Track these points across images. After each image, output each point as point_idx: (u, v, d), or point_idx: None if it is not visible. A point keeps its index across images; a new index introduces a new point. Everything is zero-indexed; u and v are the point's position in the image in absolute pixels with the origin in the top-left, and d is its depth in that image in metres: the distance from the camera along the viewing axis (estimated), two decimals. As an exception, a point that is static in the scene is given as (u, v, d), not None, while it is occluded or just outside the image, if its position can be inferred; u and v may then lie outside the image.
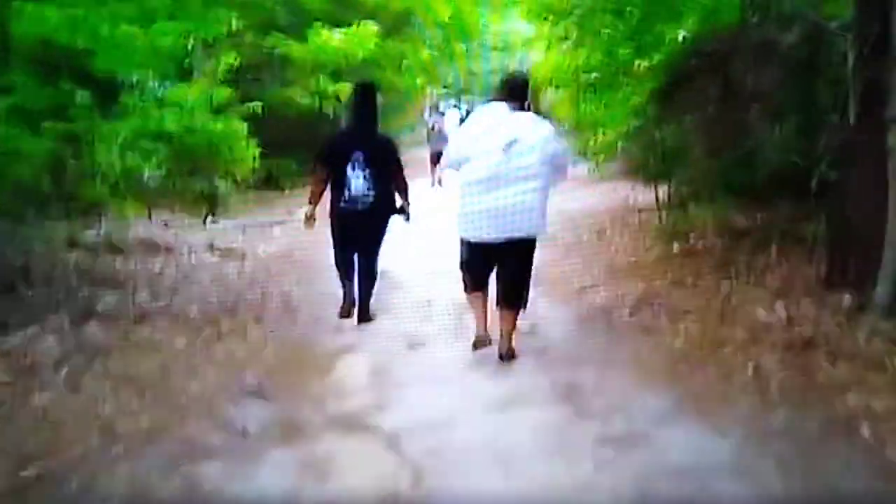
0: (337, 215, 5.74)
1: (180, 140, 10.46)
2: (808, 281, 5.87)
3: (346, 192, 5.60)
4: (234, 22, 11.63)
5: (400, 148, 6.19)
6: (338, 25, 13.85)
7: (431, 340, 5.72)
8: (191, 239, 9.00)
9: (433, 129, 17.83)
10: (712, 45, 6.88)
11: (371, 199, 5.62)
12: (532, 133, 4.74)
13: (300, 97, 14.09)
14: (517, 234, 4.76)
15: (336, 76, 14.82)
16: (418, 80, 20.40)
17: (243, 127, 11.18)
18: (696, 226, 8.32)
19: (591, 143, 9.57)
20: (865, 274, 5.00)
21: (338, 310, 6.05)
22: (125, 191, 9.27)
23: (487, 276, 5.08)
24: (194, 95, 10.69)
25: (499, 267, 5.02)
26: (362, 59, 15.28)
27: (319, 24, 13.59)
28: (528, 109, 5.01)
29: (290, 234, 10.64)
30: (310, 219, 5.89)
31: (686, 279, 6.92)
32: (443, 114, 24.08)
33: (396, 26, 19.04)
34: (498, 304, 5.08)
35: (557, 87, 15.77)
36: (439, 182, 7.12)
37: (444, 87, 24.22)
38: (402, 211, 5.86)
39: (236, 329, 5.96)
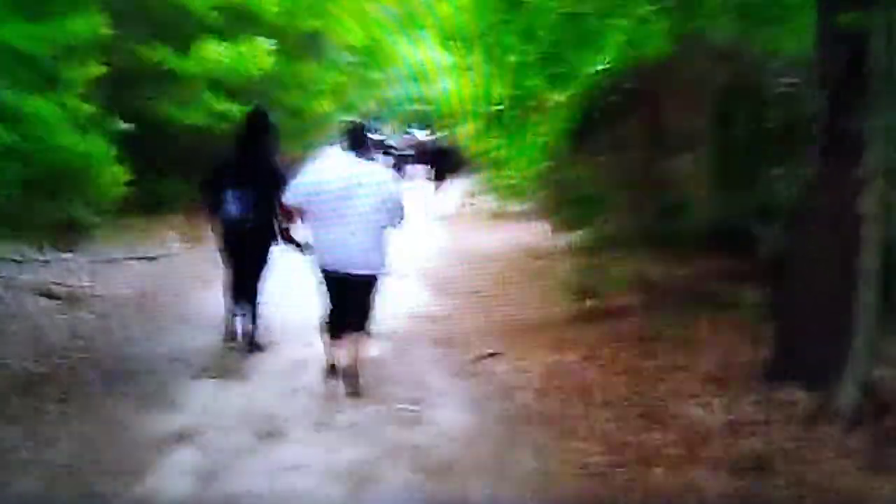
0: (221, 238, 5.93)
1: (31, 159, 9.00)
2: (750, 366, 4.87)
3: (225, 216, 5.76)
4: (100, 27, 10.35)
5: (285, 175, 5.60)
6: (231, 40, 12.61)
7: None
8: (24, 279, 7.56)
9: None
10: (633, 81, 5.97)
11: (250, 222, 5.72)
12: (367, 177, 5.06)
13: (186, 116, 12.71)
14: (355, 270, 5.08)
15: (232, 95, 13.52)
16: (326, 105, 19.13)
17: (108, 147, 9.79)
18: (612, 279, 7.40)
19: (496, 181, 8.57)
20: (823, 365, 4.05)
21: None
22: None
23: (339, 303, 5.25)
24: (51, 109, 9.25)
25: (344, 297, 5.22)
26: (261, 78, 14.02)
27: (209, 37, 12.30)
28: (369, 154, 5.33)
29: (156, 273, 9.28)
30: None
31: (601, 351, 5.94)
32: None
33: (303, 47, 17.84)
34: (345, 331, 5.26)
35: (467, 119, 15.06)
36: None
37: (357, 113, 23.01)
38: (296, 243, 5.77)
39: (23, 412, 4.64)
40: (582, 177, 6.61)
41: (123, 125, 10.68)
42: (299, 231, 5.63)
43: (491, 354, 6.19)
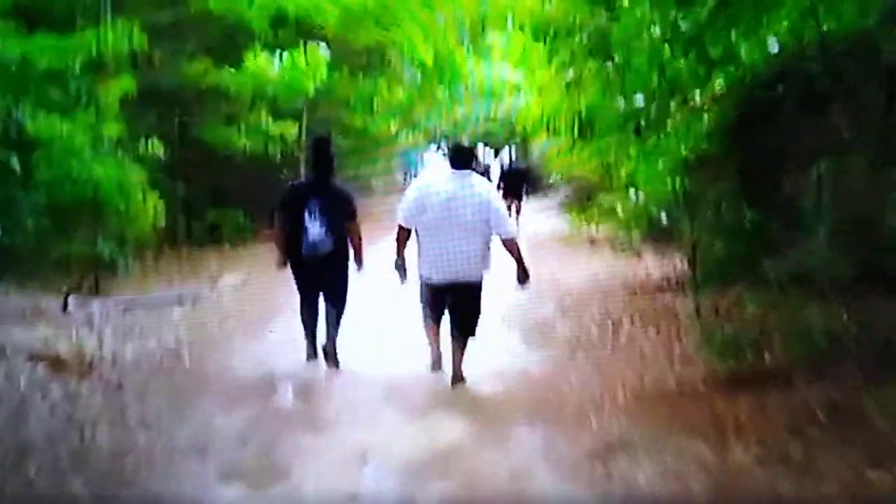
0: (298, 264, 5.96)
1: (52, 189, 7.74)
2: None
3: (305, 241, 5.76)
4: (135, 39, 9.08)
5: (354, 198, 6.16)
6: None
7: None
8: (17, 336, 6.14)
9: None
10: (816, 66, 4.23)
11: (329, 245, 5.79)
12: (470, 190, 5.42)
13: (235, 138, 11.39)
14: (460, 279, 5.46)
15: (285, 114, 12.22)
16: (392, 124, 17.74)
17: (139, 173, 8.46)
18: (764, 327, 5.62)
19: (606, 206, 6.89)
20: None
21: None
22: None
23: (439, 311, 5.68)
24: (77, 132, 7.98)
25: (449, 305, 5.62)
26: (318, 95, 12.66)
27: (262, 51, 10.91)
28: (476, 171, 5.70)
29: (194, 319, 7.83)
30: (282, 266, 6.09)
31: (784, 443, 4.18)
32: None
33: (367, 63, 16.50)
34: (451, 335, 5.72)
35: (551, 135, 13.46)
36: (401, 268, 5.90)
37: (422, 131, 21.63)
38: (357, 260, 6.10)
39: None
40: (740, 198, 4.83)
41: (161, 149, 9.39)
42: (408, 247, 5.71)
43: (615, 445, 4.49)
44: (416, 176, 15.88)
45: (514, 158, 20.39)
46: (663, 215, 5.65)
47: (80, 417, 4.83)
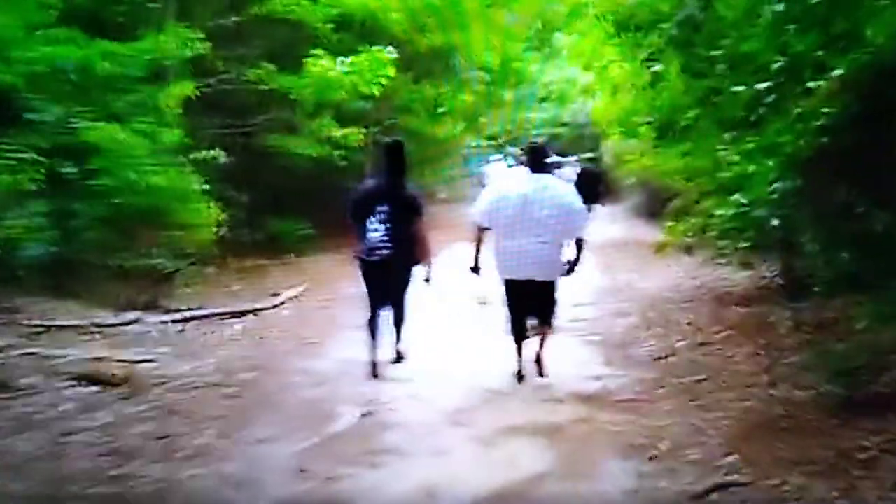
0: (361, 265, 5.99)
1: (109, 200, 7.48)
2: None
3: (366, 244, 5.83)
4: (193, 45, 8.81)
5: (424, 205, 6.19)
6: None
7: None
8: (67, 352, 5.82)
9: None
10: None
11: (390, 251, 5.80)
12: (547, 192, 5.56)
13: (297, 145, 11.05)
14: (536, 277, 5.60)
15: (348, 119, 11.84)
16: (457, 128, 17.22)
17: (199, 182, 8.14)
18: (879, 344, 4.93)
19: (707, 213, 6.21)
20: None
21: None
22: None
23: (521, 318, 5.81)
24: (134, 140, 7.70)
25: (527, 301, 5.74)
26: (382, 99, 12.25)
27: (324, 54, 10.53)
28: (549, 171, 5.98)
29: (254, 333, 7.46)
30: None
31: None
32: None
33: (432, 66, 16.04)
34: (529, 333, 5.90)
35: (627, 137, 12.82)
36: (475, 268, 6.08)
37: (488, 137, 21.06)
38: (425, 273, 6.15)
39: None
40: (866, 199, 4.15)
41: (223, 157, 9.09)
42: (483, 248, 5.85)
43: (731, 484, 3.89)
44: (483, 183, 15.46)
45: (586, 162, 19.72)
46: (774, 221, 4.97)
47: (126, 446, 4.44)
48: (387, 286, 6.03)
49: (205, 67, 9.76)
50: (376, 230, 5.80)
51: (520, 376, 5.77)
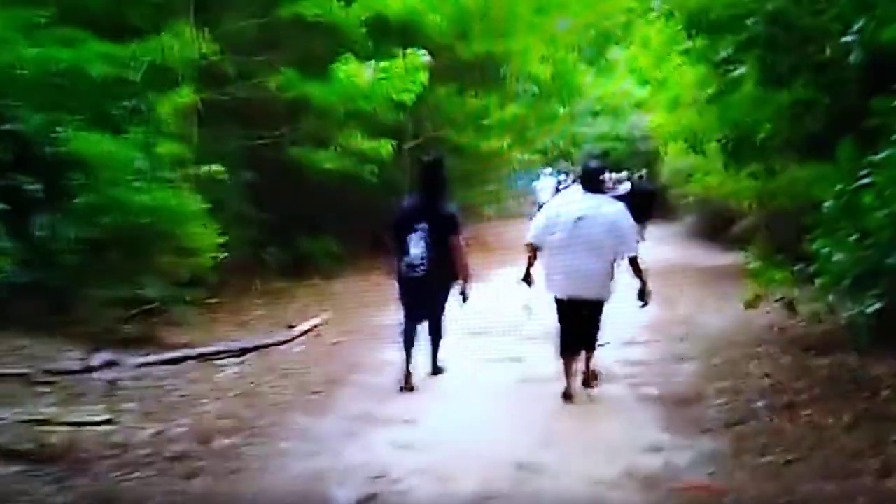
0: (400, 283, 6.15)
1: (91, 219, 6.52)
2: None
3: (406, 261, 5.98)
4: (199, 47, 7.84)
5: (461, 223, 6.26)
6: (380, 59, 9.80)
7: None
8: (10, 413, 4.73)
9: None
10: None
11: (427, 266, 5.93)
12: (599, 210, 5.68)
13: (321, 158, 10.01)
14: (584, 296, 5.71)
15: (382, 131, 10.81)
16: (504, 143, 16.06)
17: (198, 200, 7.11)
18: None
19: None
20: None
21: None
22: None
23: (572, 338, 5.83)
24: (127, 152, 6.74)
25: (576, 319, 5.78)
26: (430, 115, 11.24)
27: (354, 60, 9.47)
28: (602, 190, 6.07)
29: (252, 382, 6.35)
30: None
31: None
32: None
33: (477, 76, 14.96)
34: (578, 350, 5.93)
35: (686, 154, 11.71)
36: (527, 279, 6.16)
37: (538, 151, 19.86)
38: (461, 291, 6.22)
39: None
40: None
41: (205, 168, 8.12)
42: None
43: None
44: (537, 202, 14.55)
45: (638, 179, 18.66)
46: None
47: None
48: (424, 302, 6.16)
49: (222, 74, 8.81)
50: (416, 247, 5.94)
51: (567, 395, 5.78)
